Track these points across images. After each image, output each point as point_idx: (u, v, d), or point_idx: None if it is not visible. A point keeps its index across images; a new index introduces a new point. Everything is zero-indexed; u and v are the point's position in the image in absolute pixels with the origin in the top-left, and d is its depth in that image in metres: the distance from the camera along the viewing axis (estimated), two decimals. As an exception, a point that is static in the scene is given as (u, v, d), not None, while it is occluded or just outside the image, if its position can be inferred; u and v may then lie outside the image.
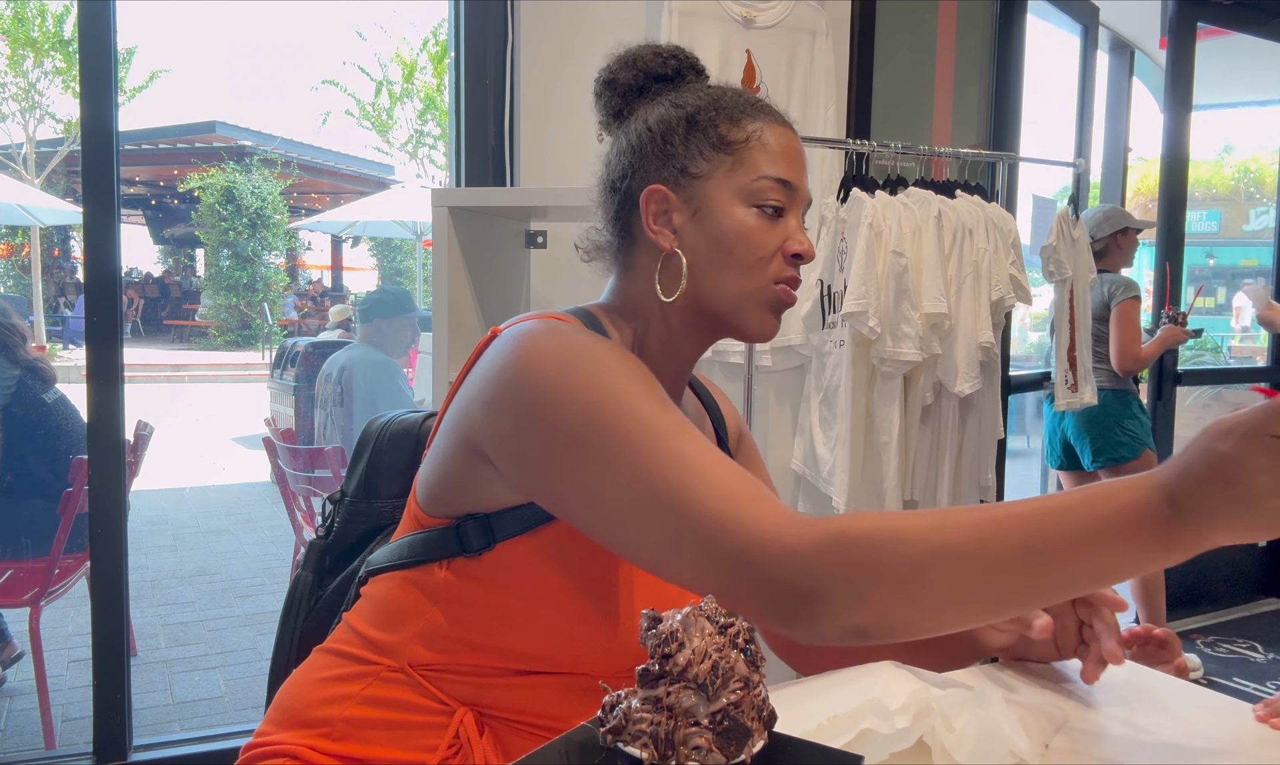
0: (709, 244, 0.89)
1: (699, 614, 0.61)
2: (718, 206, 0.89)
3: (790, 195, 0.91)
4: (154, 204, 17.96)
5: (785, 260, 0.90)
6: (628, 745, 0.56)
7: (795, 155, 0.92)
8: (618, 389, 0.78)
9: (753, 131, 0.91)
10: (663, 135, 0.92)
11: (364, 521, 1.06)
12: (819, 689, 0.72)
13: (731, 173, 0.90)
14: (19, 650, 3.11)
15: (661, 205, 0.90)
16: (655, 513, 0.74)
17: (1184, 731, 0.74)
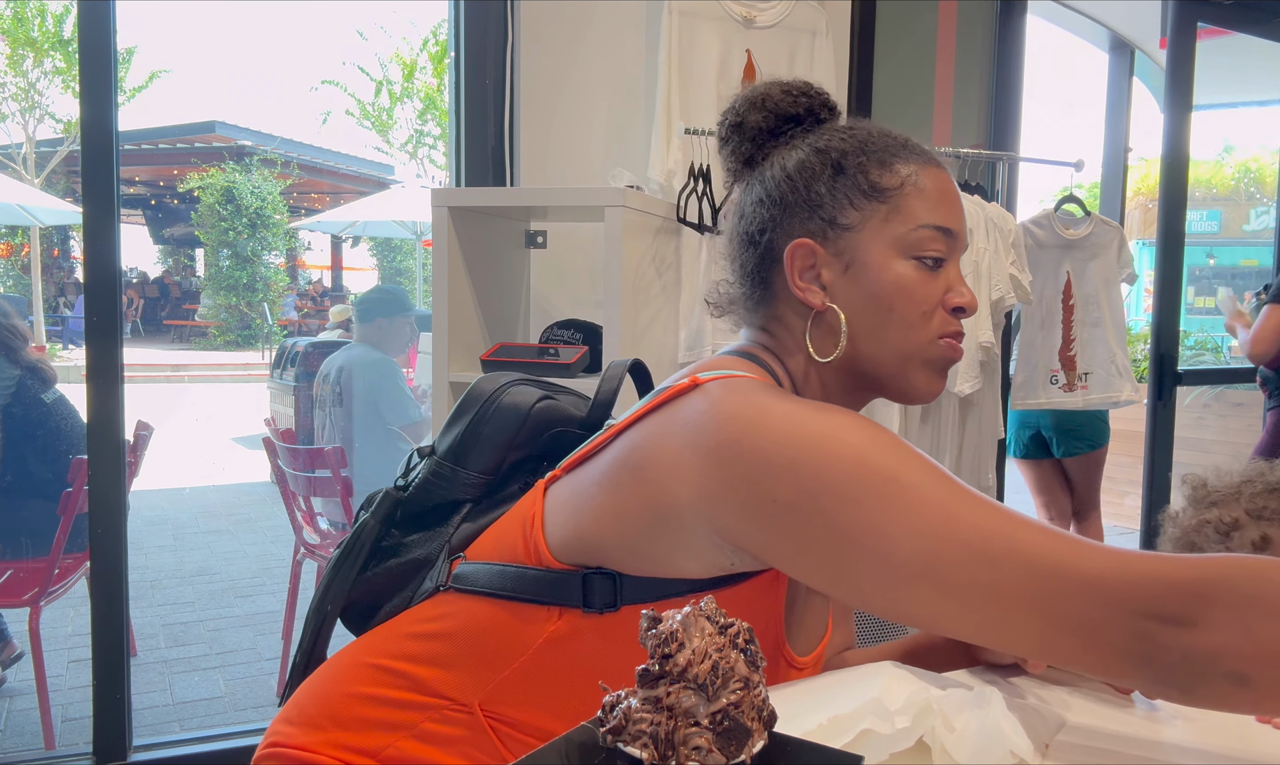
0: (866, 301, 0.83)
1: (699, 614, 0.61)
2: (873, 260, 0.82)
3: (950, 243, 0.84)
4: (154, 204, 17.96)
5: (948, 314, 0.84)
6: (628, 745, 0.56)
7: (953, 198, 0.86)
8: (876, 434, 0.71)
9: (907, 176, 0.84)
10: (806, 184, 0.85)
11: (444, 489, 0.93)
12: (819, 689, 0.72)
13: (886, 222, 0.83)
14: (19, 650, 3.11)
15: (808, 260, 0.84)
16: (967, 559, 0.66)
17: (1184, 731, 0.74)
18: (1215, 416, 5.15)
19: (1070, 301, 2.81)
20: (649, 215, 2.13)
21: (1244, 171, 13.59)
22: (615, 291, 1.92)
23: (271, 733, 0.88)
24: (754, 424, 0.72)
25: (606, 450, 0.80)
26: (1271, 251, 4.11)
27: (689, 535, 0.75)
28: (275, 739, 0.87)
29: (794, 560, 0.72)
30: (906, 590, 0.68)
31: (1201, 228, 13.43)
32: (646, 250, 2.17)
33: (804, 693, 0.72)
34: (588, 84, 2.42)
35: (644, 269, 2.15)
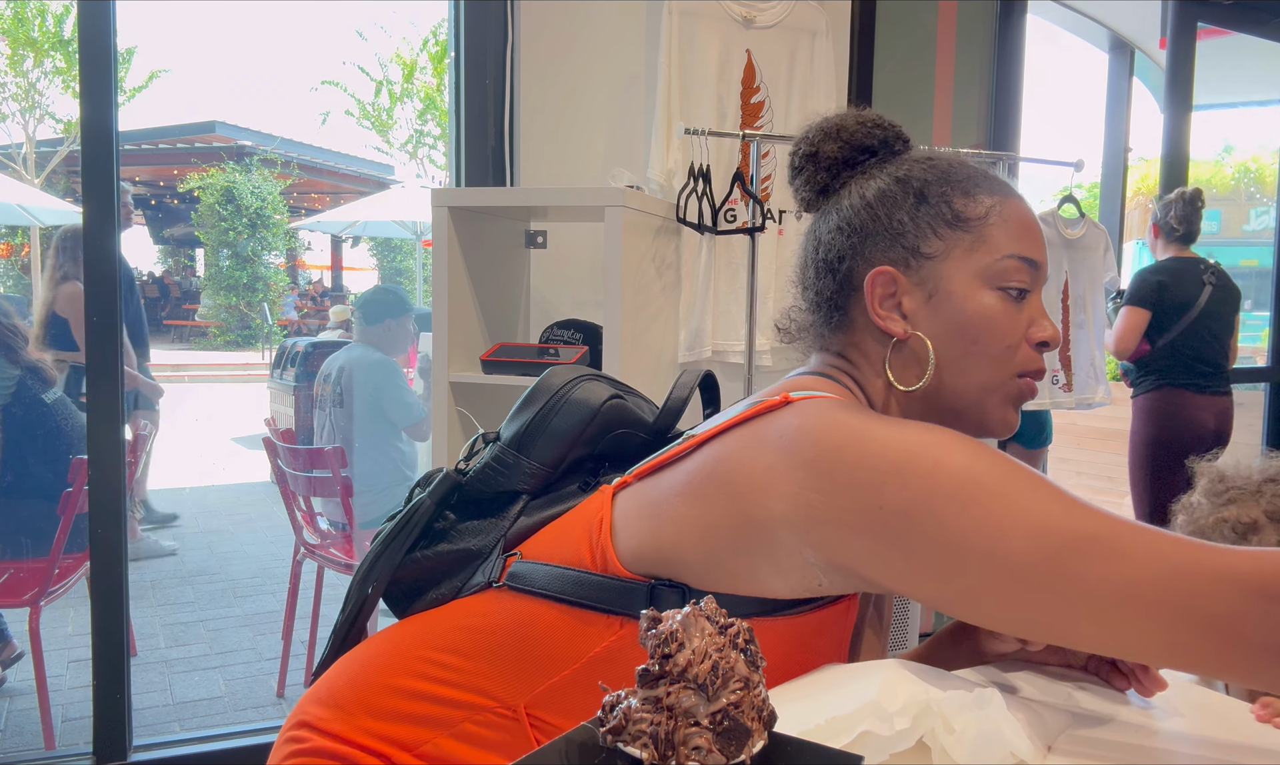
0: (950, 331, 0.82)
1: (699, 614, 0.61)
2: (957, 289, 0.82)
3: (1034, 275, 0.84)
4: (154, 204, 17.96)
5: (1031, 347, 0.83)
6: (628, 745, 0.56)
7: (1036, 230, 0.85)
8: (978, 446, 0.70)
9: (991, 206, 0.83)
10: (888, 212, 0.84)
11: (504, 477, 0.90)
12: (818, 689, 0.72)
13: (972, 252, 0.82)
14: (19, 650, 3.11)
15: (889, 288, 0.84)
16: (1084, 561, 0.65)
17: (1183, 731, 0.74)
18: (1215, 416, 5.14)
19: (1066, 301, 2.83)
20: (649, 215, 2.13)
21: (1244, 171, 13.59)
22: (615, 291, 1.92)
23: (300, 711, 0.86)
24: (855, 433, 0.71)
25: (688, 460, 0.79)
26: (1271, 251, 4.10)
27: (780, 552, 0.73)
28: (304, 719, 0.85)
29: (903, 570, 0.70)
30: (1025, 594, 0.66)
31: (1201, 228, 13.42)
32: (646, 250, 2.17)
33: (804, 693, 0.72)
34: (588, 84, 2.42)
35: (644, 269, 2.15)
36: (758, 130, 2.43)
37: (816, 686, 0.73)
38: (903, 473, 0.68)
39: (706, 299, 2.40)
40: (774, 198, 2.49)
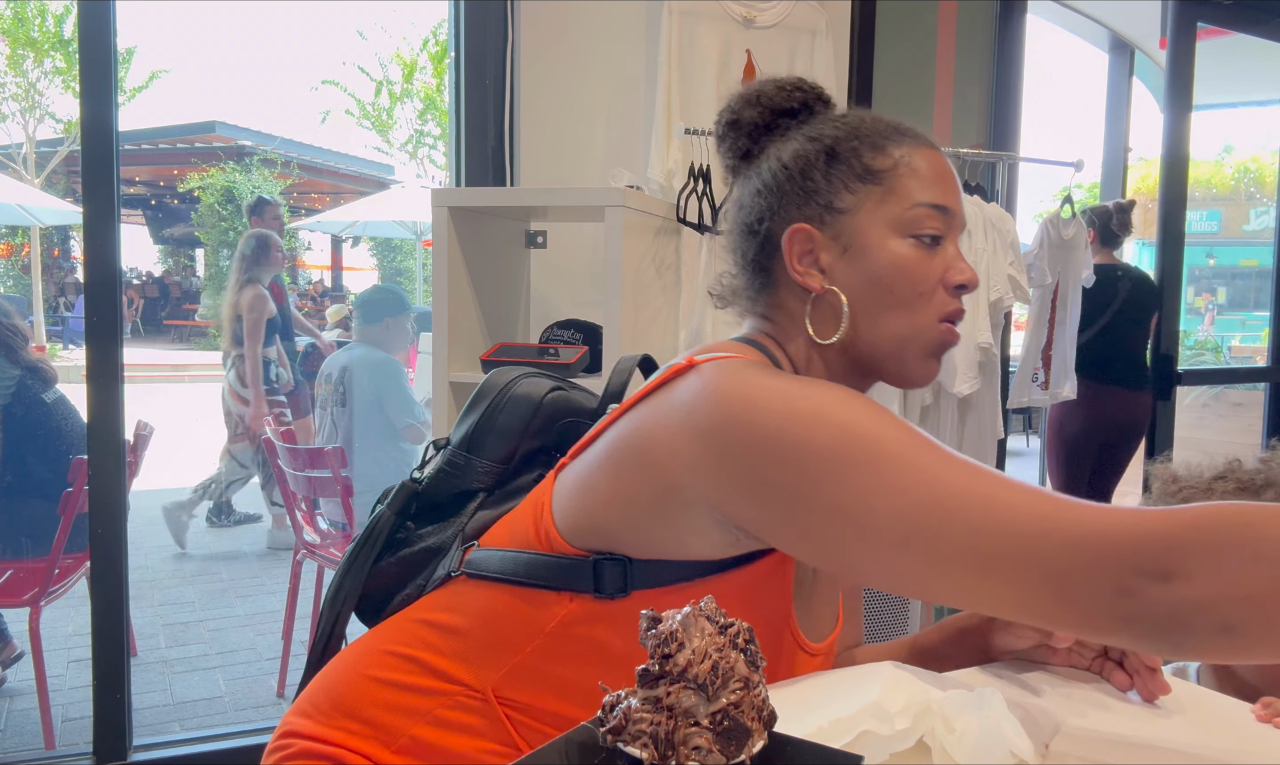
0: (865, 282, 0.83)
1: (699, 614, 0.61)
2: (871, 241, 0.83)
3: (947, 221, 0.85)
4: (154, 204, 17.96)
5: (948, 292, 0.84)
6: (628, 745, 0.56)
7: (947, 177, 0.86)
8: (862, 407, 0.72)
9: (900, 157, 0.85)
10: (801, 171, 0.86)
11: (458, 478, 0.95)
12: (818, 690, 0.72)
13: (882, 203, 0.84)
14: (19, 650, 3.11)
15: (806, 244, 0.85)
16: (949, 522, 0.66)
17: (1183, 731, 0.74)
18: (1215, 416, 5.15)
19: (1055, 301, 2.84)
20: (649, 215, 2.13)
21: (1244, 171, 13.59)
22: (615, 291, 1.92)
23: (283, 725, 0.89)
24: (746, 402, 0.73)
25: (608, 432, 0.82)
26: (1271, 251, 4.10)
27: (694, 515, 0.76)
28: (287, 730, 0.87)
29: (787, 535, 0.73)
30: (893, 558, 0.68)
31: (1201, 228, 13.44)
32: (646, 250, 2.17)
33: (803, 694, 0.72)
34: (588, 84, 2.42)
35: (644, 269, 2.15)
36: (758, 130, 2.43)
37: (817, 687, 0.73)
38: (782, 442, 0.71)
39: (707, 299, 2.40)
40: (774, 198, 2.49)
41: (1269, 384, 4.05)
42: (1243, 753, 0.72)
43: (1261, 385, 4.23)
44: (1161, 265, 3.62)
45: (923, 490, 0.67)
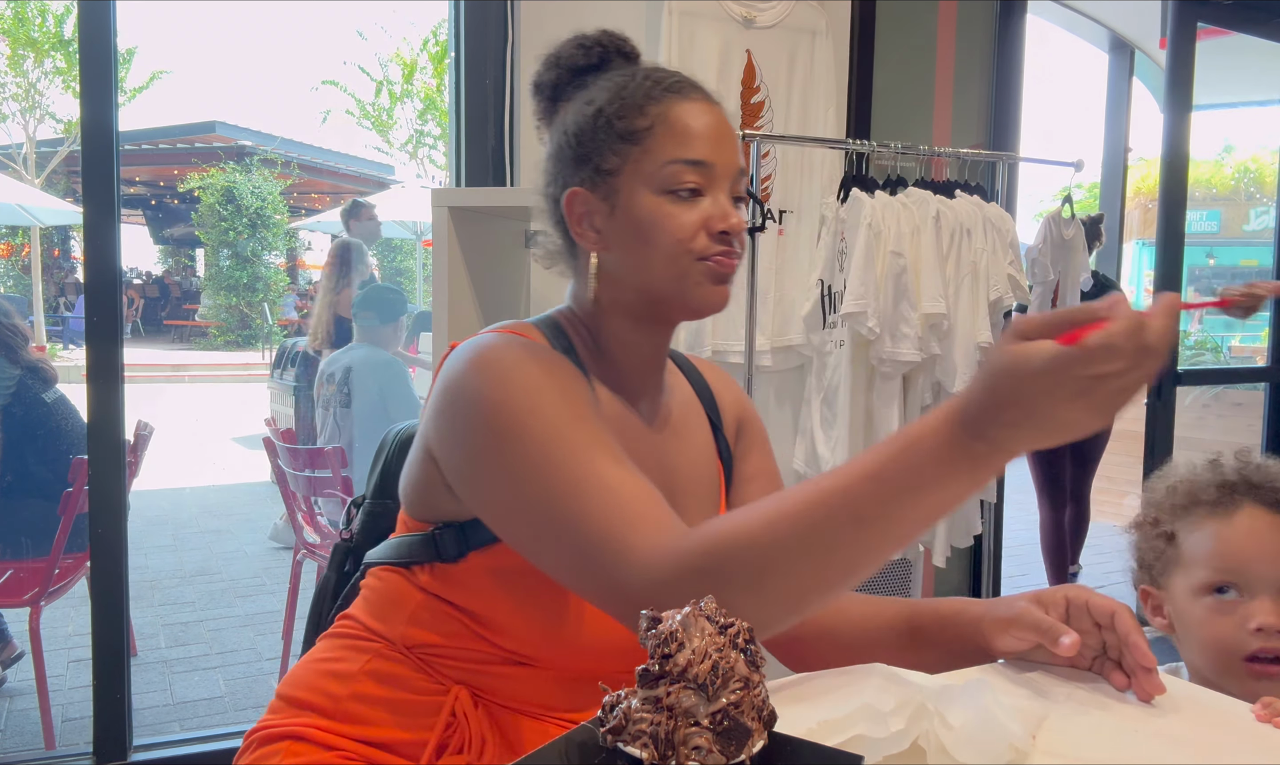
0: (630, 239, 0.87)
1: (699, 614, 0.61)
2: (630, 200, 0.87)
3: (706, 173, 0.87)
4: (154, 204, 17.96)
5: (711, 237, 0.86)
6: (628, 745, 0.56)
7: (708, 130, 0.87)
8: (530, 408, 0.79)
9: (656, 115, 0.87)
10: (575, 136, 0.89)
11: (382, 521, 1.06)
12: (810, 692, 0.72)
13: (641, 163, 0.86)
14: (19, 650, 3.11)
15: (583, 207, 0.89)
16: (557, 536, 0.76)
17: (1182, 730, 0.74)
18: (1215, 416, 5.15)
19: (1056, 302, 2.84)
20: (649, 215, 2.13)
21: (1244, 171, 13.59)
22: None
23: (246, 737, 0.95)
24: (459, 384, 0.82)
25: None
26: (1271, 251, 4.10)
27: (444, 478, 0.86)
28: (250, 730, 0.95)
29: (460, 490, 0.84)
30: (507, 528, 0.81)
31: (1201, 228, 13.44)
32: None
33: (795, 696, 0.72)
34: (588, 84, 2.41)
35: (644, 269, 2.15)
36: (758, 130, 2.43)
37: (809, 689, 0.73)
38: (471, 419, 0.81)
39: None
40: (774, 198, 2.49)
41: (1269, 384, 4.05)
42: (1242, 753, 0.72)
43: (1261, 385, 4.23)
44: (1161, 265, 3.63)
45: (544, 503, 0.76)
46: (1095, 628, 0.82)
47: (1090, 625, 0.82)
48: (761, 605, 0.68)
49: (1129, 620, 0.81)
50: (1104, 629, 0.82)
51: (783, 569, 0.68)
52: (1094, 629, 0.82)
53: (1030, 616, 0.82)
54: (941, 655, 0.90)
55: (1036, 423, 0.60)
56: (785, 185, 2.51)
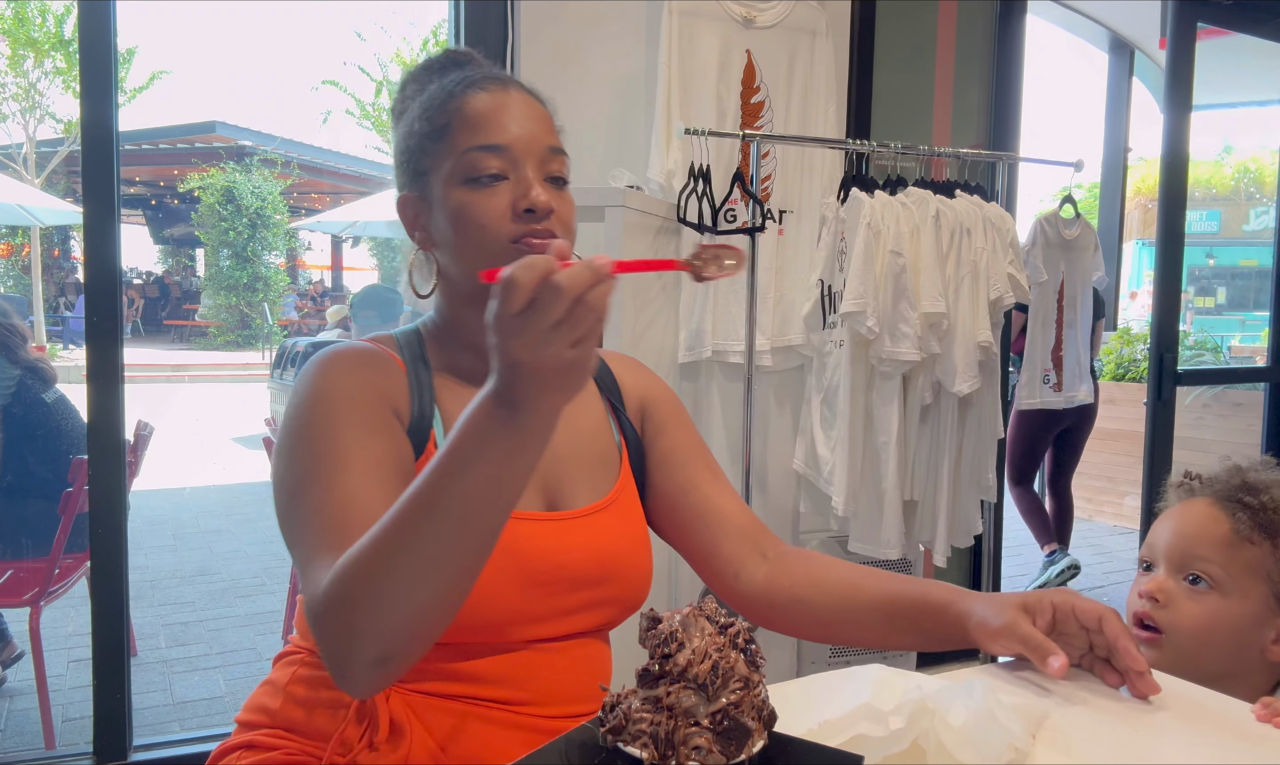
0: (447, 234, 0.90)
1: (699, 614, 0.61)
2: (443, 196, 0.90)
3: (505, 156, 0.89)
4: (154, 204, 17.96)
5: (518, 218, 0.88)
6: (628, 745, 0.56)
7: (500, 113, 0.90)
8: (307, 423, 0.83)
9: (453, 110, 0.90)
10: (402, 142, 0.94)
11: None
12: (812, 692, 0.72)
13: (445, 158, 0.89)
14: (19, 650, 3.10)
15: (412, 211, 0.93)
16: (291, 546, 0.81)
17: (1182, 730, 0.74)
18: (1215, 416, 5.14)
19: (1061, 302, 2.83)
20: (649, 215, 2.13)
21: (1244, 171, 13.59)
22: (615, 292, 1.92)
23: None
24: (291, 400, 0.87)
25: None
26: (1271, 251, 4.10)
27: None
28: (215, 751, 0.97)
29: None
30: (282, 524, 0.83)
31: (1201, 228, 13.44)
32: (646, 250, 2.17)
33: (795, 696, 0.72)
34: (588, 84, 2.41)
35: (644, 269, 2.14)
36: (758, 130, 2.43)
37: (808, 690, 0.73)
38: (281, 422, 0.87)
39: (706, 299, 2.40)
40: (774, 198, 2.50)
41: (1269, 384, 4.05)
42: (1242, 752, 0.72)
43: (1261, 385, 4.23)
44: (1161, 265, 3.62)
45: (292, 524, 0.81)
46: (1083, 631, 0.82)
47: (1077, 629, 0.82)
48: (386, 618, 0.70)
49: (1116, 625, 0.81)
50: (1092, 632, 0.82)
51: (390, 575, 0.69)
52: (1081, 632, 0.82)
53: (1018, 631, 0.81)
54: (921, 640, 0.91)
55: (521, 372, 0.65)
56: (785, 185, 2.51)
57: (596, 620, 0.95)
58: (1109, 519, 5.63)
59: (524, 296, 0.63)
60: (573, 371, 0.66)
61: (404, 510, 0.70)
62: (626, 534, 0.98)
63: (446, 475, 0.68)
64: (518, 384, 0.66)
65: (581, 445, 0.99)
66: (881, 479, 2.33)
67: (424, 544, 0.69)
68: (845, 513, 2.31)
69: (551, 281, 0.63)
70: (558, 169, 0.93)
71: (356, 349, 0.91)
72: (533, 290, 0.63)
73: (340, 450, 0.81)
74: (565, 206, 0.94)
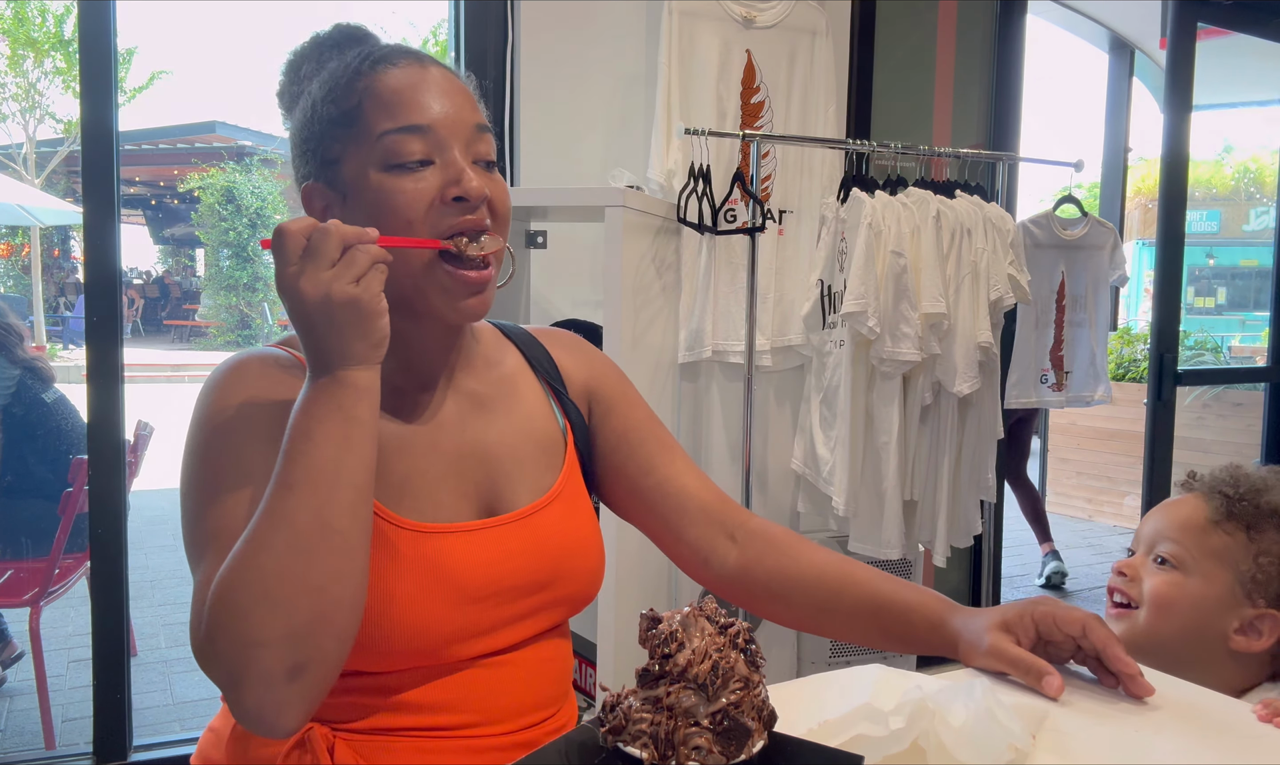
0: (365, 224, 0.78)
1: (699, 614, 0.61)
2: (358, 185, 0.81)
3: (429, 138, 0.80)
4: (154, 204, 17.95)
5: (448, 207, 0.79)
6: (628, 745, 0.56)
7: (418, 91, 0.81)
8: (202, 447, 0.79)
9: (363, 90, 0.81)
10: (299, 132, 0.85)
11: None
12: (812, 692, 0.72)
13: (360, 145, 0.80)
14: (19, 650, 3.11)
15: (321, 202, 0.84)
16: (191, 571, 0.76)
17: (1182, 730, 0.74)
18: (1215, 416, 5.15)
19: (1062, 302, 2.82)
20: (649, 215, 2.13)
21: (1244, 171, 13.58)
22: (615, 291, 1.92)
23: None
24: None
25: None
26: (1271, 251, 4.10)
27: None
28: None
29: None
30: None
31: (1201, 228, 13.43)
32: (646, 250, 2.17)
33: (795, 696, 0.72)
34: (588, 84, 2.41)
35: (644, 269, 2.15)
36: (758, 130, 2.42)
37: (808, 690, 0.73)
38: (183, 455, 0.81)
39: (706, 299, 2.40)
40: (774, 198, 2.49)
41: (1269, 384, 4.05)
42: (1242, 752, 0.72)
43: (1261, 385, 4.23)
44: (1161, 265, 3.62)
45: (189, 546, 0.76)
46: (1069, 638, 0.82)
47: (1063, 637, 0.82)
48: (282, 616, 0.67)
49: (1101, 631, 0.80)
50: (1077, 639, 0.81)
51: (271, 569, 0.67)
52: (1068, 640, 0.82)
53: (1005, 654, 0.80)
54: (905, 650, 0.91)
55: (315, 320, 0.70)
56: (785, 185, 2.51)
57: (547, 622, 0.90)
58: (1109, 519, 5.63)
59: (299, 241, 0.68)
60: (364, 310, 0.69)
61: (267, 502, 0.69)
62: (574, 528, 0.92)
63: (291, 451, 0.70)
64: (318, 335, 0.70)
65: (519, 439, 0.92)
66: (882, 479, 2.33)
67: (293, 530, 0.68)
68: (846, 513, 2.31)
69: (321, 226, 0.69)
70: (486, 150, 0.84)
71: (261, 356, 0.84)
72: (306, 233, 0.68)
73: (239, 472, 0.76)
74: (498, 191, 0.83)
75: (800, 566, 0.94)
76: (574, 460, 0.96)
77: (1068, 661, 0.84)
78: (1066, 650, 0.83)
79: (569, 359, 1.01)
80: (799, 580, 0.94)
